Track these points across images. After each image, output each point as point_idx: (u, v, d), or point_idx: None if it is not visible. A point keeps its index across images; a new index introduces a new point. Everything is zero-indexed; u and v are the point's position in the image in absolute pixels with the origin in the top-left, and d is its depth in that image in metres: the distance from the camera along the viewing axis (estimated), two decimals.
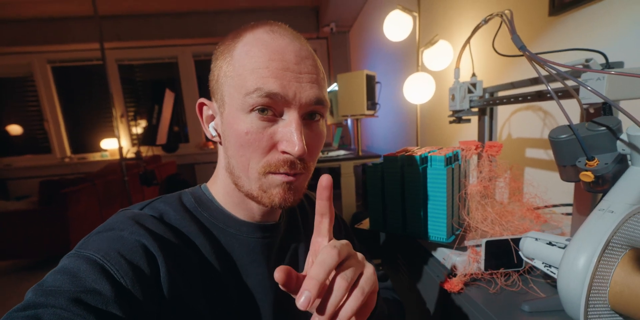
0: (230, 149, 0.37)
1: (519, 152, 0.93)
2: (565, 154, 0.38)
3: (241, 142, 0.35)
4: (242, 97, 0.34)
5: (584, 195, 0.48)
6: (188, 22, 3.43)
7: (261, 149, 0.35)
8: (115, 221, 0.35)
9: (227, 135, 0.37)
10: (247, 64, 0.34)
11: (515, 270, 0.49)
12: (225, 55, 0.36)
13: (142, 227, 0.34)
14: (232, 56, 0.36)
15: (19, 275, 2.24)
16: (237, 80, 0.35)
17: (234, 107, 0.35)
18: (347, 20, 3.20)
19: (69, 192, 2.14)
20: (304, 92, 0.34)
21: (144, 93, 3.88)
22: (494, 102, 0.67)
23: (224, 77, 0.36)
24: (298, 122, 0.34)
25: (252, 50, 0.34)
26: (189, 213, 0.39)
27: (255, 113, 0.34)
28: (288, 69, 0.34)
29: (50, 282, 0.28)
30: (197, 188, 0.44)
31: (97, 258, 0.30)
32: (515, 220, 0.55)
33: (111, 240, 0.32)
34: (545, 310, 0.42)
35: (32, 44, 3.36)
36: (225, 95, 0.36)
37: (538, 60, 0.37)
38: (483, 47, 1.05)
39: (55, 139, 3.78)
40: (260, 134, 0.34)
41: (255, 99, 0.33)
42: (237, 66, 0.35)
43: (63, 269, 0.29)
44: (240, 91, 0.34)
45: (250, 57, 0.34)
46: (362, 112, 1.91)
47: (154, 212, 0.37)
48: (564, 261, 0.31)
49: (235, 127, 0.35)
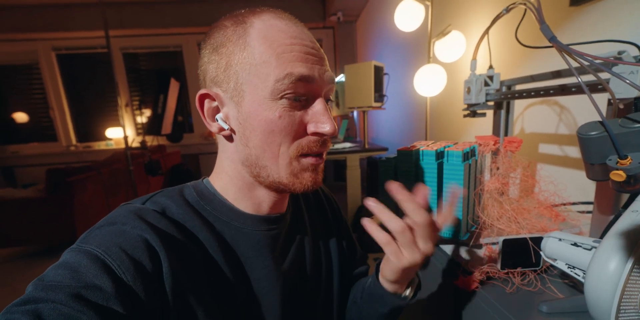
0: (255, 139, 0.36)
1: (532, 147, 0.91)
2: (595, 152, 0.36)
3: (272, 128, 0.35)
4: (271, 84, 0.34)
5: (607, 194, 0.47)
6: (192, 10, 3.37)
7: (293, 132, 0.36)
8: (117, 215, 0.34)
9: (249, 125, 0.36)
10: (269, 50, 0.34)
11: (533, 270, 0.48)
12: (236, 42, 0.35)
13: (144, 221, 0.33)
14: (248, 42, 0.34)
15: (26, 261, 2.28)
16: (261, 67, 0.34)
17: (259, 95, 0.34)
18: (355, 9, 3.13)
19: (75, 180, 2.15)
20: (325, 73, 0.36)
21: (148, 82, 3.85)
22: (512, 96, 0.65)
23: (240, 64, 0.35)
24: (325, 103, 0.37)
25: (271, 35, 0.34)
26: (191, 207, 0.38)
27: (285, 99, 0.34)
28: (309, 53, 0.35)
29: (51, 276, 0.28)
30: (199, 182, 0.43)
31: (98, 253, 0.29)
32: (532, 218, 0.54)
33: (113, 234, 0.32)
34: (564, 312, 0.41)
35: (37, 31, 3.33)
36: (244, 84, 0.35)
37: (570, 51, 0.35)
38: (499, 37, 1.02)
39: (61, 127, 3.79)
40: (292, 118, 0.35)
41: (287, 85, 0.34)
42: (256, 52, 0.34)
43: (64, 263, 0.29)
44: (267, 78, 0.34)
45: (271, 42, 0.34)
46: (370, 104, 1.88)
47: (156, 207, 0.37)
48: (594, 264, 0.30)
49: (264, 114, 0.35)
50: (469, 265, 0.51)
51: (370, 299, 0.45)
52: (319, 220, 0.52)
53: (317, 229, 0.51)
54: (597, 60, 0.32)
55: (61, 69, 3.70)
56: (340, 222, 0.56)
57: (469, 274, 0.49)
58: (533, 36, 0.83)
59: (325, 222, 0.53)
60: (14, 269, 2.17)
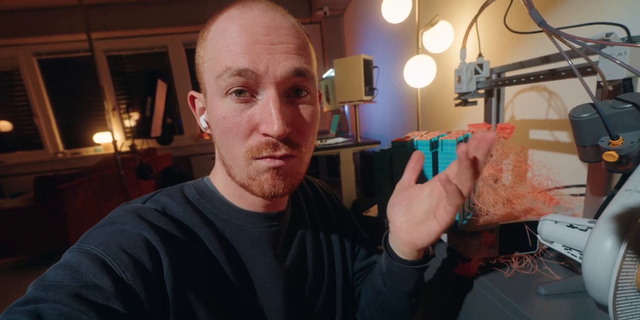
0: (217, 138, 0.35)
1: (523, 133, 0.92)
2: (587, 134, 0.37)
3: (222, 128, 0.33)
4: (214, 81, 0.32)
5: (598, 176, 0.47)
6: (176, 9, 3.30)
7: (241, 133, 0.32)
8: (117, 215, 0.34)
9: (211, 125, 0.36)
10: (217, 45, 0.32)
11: (529, 254, 0.48)
12: (200, 41, 0.35)
13: (144, 220, 0.33)
14: (206, 40, 0.34)
15: (20, 272, 2.24)
16: (210, 63, 0.33)
17: (211, 93, 0.33)
18: (341, 3, 3.11)
19: (65, 187, 2.11)
20: (278, 64, 0.31)
21: (135, 85, 3.78)
22: (502, 83, 0.65)
23: (201, 63, 0.35)
24: (275, 99, 0.31)
25: (223, 29, 0.32)
26: (192, 205, 0.38)
27: (231, 96, 0.32)
28: (257, 42, 0.31)
29: (51, 276, 0.28)
30: (200, 180, 0.43)
31: (98, 252, 0.29)
32: (526, 203, 0.54)
33: (113, 234, 0.32)
34: (561, 293, 0.41)
35: (17, 36, 3.23)
36: (205, 83, 0.35)
37: (560, 35, 0.35)
38: (487, 25, 1.02)
39: (47, 134, 3.70)
40: (237, 117, 0.32)
41: (226, 80, 0.31)
42: (209, 49, 0.33)
43: (64, 263, 0.29)
44: (213, 75, 0.32)
45: (220, 36, 0.32)
46: (360, 98, 1.88)
47: (157, 205, 0.37)
48: (590, 243, 0.30)
49: (214, 113, 0.33)
50: (467, 252, 0.51)
51: (391, 278, 0.43)
52: (320, 215, 0.52)
53: (318, 224, 0.51)
54: (588, 42, 0.32)
55: (43, 74, 3.60)
56: (343, 215, 0.56)
57: (468, 261, 0.49)
58: (521, 22, 0.83)
59: (326, 217, 0.53)
60: (10, 279, 2.13)
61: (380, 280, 0.45)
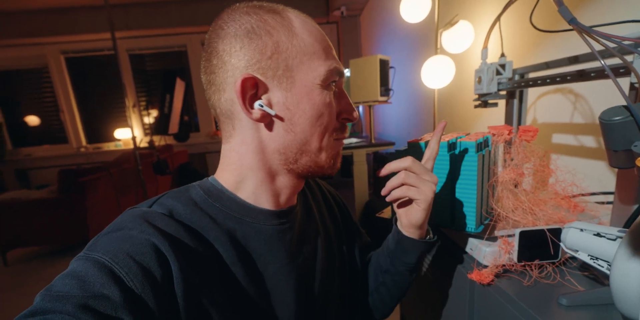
0: (304, 123, 0.38)
1: (546, 138, 0.89)
2: (619, 138, 0.35)
3: (322, 111, 0.38)
4: (323, 74, 0.37)
5: (629, 183, 0.45)
6: (196, 9, 3.37)
7: (334, 118, 0.40)
8: (124, 220, 0.34)
9: (299, 110, 0.37)
10: (316, 44, 0.37)
11: (551, 262, 0.46)
12: (280, 30, 0.36)
13: (151, 225, 0.32)
14: (295, 32, 0.36)
15: (41, 261, 2.34)
16: (312, 57, 0.37)
17: (310, 81, 0.37)
18: (358, 3, 3.09)
19: (87, 180, 2.18)
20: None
21: (154, 83, 3.88)
22: (525, 84, 0.63)
23: (288, 51, 0.36)
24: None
25: (312, 31, 0.38)
26: (199, 207, 0.37)
27: (330, 88, 0.39)
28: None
29: (59, 286, 0.27)
30: (205, 180, 0.42)
31: (105, 261, 0.29)
32: (548, 209, 0.52)
33: (120, 240, 0.31)
34: (585, 304, 0.39)
35: (45, 35, 3.37)
36: (295, 70, 0.36)
37: (593, 33, 0.33)
38: (509, 25, 0.99)
39: (71, 129, 3.85)
40: (334, 104, 0.40)
41: (335, 76, 0.39)
42: (307, 43, 0.37)
43: (71, 273, 0.28)
44: (318, 68, 0.37)
45: (315, 37, 0.38)
46: (375, 99, 1.86)
47: (163, 209, 0.36)
48: (620, 254, 0.29)
49: (317, 99, 0.38)
50: (484, 258, 0.50)
51: (397, 253, 0.48)
52: (327, 213, 0.53)
53: (327, 224, 0.51)
54: (625, 41, 0.30)
55: (70, 72, 3.76)
56: (348, 215, 0.58)
57: (484, 267, 0.48)
58: (545, 21, 0.80)
59: (332, 215, 0.54)
60: (30, 269, 2.23)
61: (387, 258, 0.50)
